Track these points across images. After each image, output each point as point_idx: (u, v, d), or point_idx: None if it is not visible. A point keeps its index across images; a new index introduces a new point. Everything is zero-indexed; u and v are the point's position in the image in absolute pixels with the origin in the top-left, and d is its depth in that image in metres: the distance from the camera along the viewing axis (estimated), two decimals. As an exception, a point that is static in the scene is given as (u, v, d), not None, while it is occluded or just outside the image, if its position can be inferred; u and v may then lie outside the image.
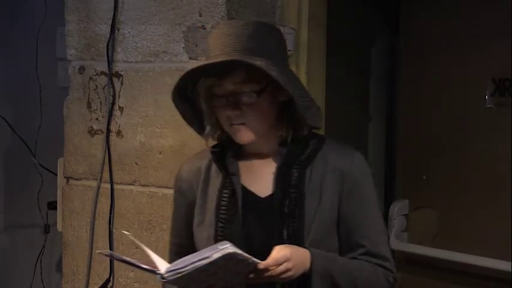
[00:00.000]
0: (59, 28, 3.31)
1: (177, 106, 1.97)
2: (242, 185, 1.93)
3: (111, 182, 2.71)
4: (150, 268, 1.74)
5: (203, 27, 2.54)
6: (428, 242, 3.21)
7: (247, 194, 1.93)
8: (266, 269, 1.75)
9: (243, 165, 1.95)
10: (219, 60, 1.82)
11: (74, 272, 2.81)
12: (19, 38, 3.75)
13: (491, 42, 3.02)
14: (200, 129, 1.99)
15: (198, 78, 1.91)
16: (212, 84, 1.87)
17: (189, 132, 2.54)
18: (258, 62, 1.80)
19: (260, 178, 1.94)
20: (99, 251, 1.86)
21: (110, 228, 2.70)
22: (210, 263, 1.66)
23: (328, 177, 1.91)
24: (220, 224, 1.91)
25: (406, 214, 3.30)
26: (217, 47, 1.86)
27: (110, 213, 2.70)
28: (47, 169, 3.49)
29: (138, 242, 1.82)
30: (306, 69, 2.82)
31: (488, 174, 3.03)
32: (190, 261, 1.68)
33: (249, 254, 1.74)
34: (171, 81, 2.60)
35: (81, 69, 2.79)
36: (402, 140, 3.39)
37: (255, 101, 1.84)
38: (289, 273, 1.78)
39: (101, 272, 2.74)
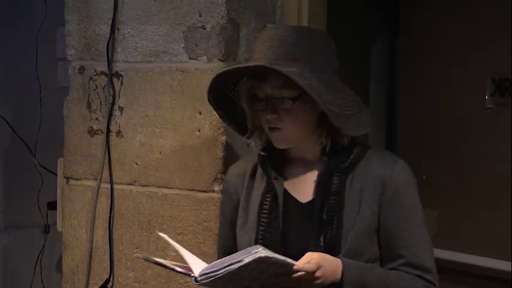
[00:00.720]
0: (59, 28, 3.31)
1: (214, 107, 2.00)
2: (285, 189, 1.94)
3: (111, 182, 2.71)
4: (184, 271, 1.76)
5: (203, 27, 2.54)
6: (428, 242, 3.20)
7: (289, 199, 1.93)
8: (297, 271, 1.75)
9: (287, 170, 1.97)
10: (246, 65, 1.85)
11: (74, 272, 2.81)
12: (19, 38, 3.76)
13: (491, 42, 3.02)
14: (241, 131, 2.01)
15: (239, 80, 1.92)
16: (253, 86, 1.89)
17: (189, 132, 2.55)
18: (291, 69, 1.80)
19: (303, 184, 1.95)
20: (137, 255, 1.85)
21: (109, 228, 2.69)
22: (242, 266, 1.68)
23: (368, 186, 1.90)
24: (261, 227, 1.92)
25: (406, 214, 3.29)
26: (260, 49, 1.88)
27: (110, 213, 2.70)
28: (47, 169, 3.49)
29: (174, 243, 1.83)
30: (306, 69, 2.82)
31: (488, 174, 3.03)
32: (223, 265, 1.70)
33: (290, 259, 1.74)
34: (171, 81, 2.60)
35: (81, 69, 2.79)
36: (402, 140, 3.39)
37: (291, 107, 1.85)
38: (317, 282, 1.78)
39: (100, 272, 2.73)
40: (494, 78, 3.02)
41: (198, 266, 1.75)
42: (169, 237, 1.89)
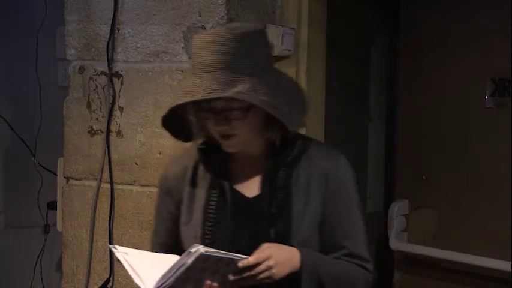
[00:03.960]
0: (59, 28, 3.31)
1: (167, 128, 1.98)
2: (230, 185, 1.94)
3: (111, 182, 2.71)
4: (141, 285, 1.75)
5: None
6: (428, 242, 3.20)
7: (235, 194, 1.94)
8: (248, 268, 1.76)
9: (230, 165, 1.97)
10: (201, 98, 1.80)
11: (74, 272, 2.81)
12: (19, 38, 3.75)
13: (491, 42, 3.02)
14: (187, 138, 1.99)
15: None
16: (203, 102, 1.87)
17: (189, 132, 2.55)
18: (242, 86, 1.80)
19: (247, 179, 1.96)
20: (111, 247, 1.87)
21: (109, 228, 2.69)
22: (188, 268, 1.67)
23: (314, 179, 1.93)
24: (208, 223, 1.92)
25: (406, 214, 3.30)
26: (203, 62, 1.84)
27: (110, 213, 2.70)
28: (47, 169, 3.50)
29: (125, 263, 1.79)
30: (306, 69, 2.83)
31: (488, 174, 3.03)
32: (170, 273, 1.69)
33: (237, 254, 1.75)
34: (171, 81, 2.60)
35: (81, 69, 2.79)
36: (402, 140, 3.39)
37: (243, 116, 1.86)
38: (272, 271, 1.79)
39: (100, 272, 2.74)
40: (494, 78, 3.01)
41: (150, 282, 1.72)
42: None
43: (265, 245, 1.82)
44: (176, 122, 1.95)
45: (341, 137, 3.48)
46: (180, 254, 1.76)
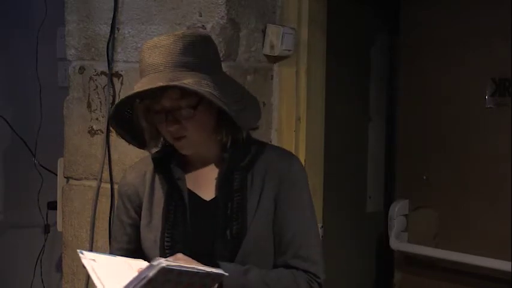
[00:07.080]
0: (59, 28, 3.31)
1: (116, 130, 2.00)
2: (188, 188, 1.96)
3: (111, 182, 2.71)
4: None
5: (203, 27, 2.54)
6: (428, 242, 3.21)
7: (193, 197, 1.96)
8: None
9: (187, 169, 1.99)
10: (147, 87, 1.82)
11: (74, 272, 2.81)
12: (19, 38, 3.76)
13: (491, 42, 3.02)
14: (141, 144, 2.01)
15: (135, 98, 1.93)
16: (150, 102, 1.89)
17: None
18: (187, 80, 1.81)
19: (204, 182, 1.98)
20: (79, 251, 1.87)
21: (109, 228, 2.69)
22: (149, 281, 1.67)
23: (268, 181, 1.95)
24: (168, 226, 1.94)
25: (406, 214, 3.30)
26: (150, 64, 1.87)
27: (110, 213, 2.70)
28: (47, 169, 3.50)
29: (90, 271, 1.78)
30: (306, 69, 2.83)
31: (488, 174, 3.03)
32: (131, 285, 1.69)
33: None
34: (171, 81, 2.60)
35: (81, 69, 2.79)
36: (402, 140, 3.39)
37: (192, 115, 1.87)
38: None
39: (101, 272, 2.73)
40: (494, 78, 3.01)
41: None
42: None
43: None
44: (130, 128, 1.97)
45: (341, 137, 3.48)
46: (141, 259, 1.81)
